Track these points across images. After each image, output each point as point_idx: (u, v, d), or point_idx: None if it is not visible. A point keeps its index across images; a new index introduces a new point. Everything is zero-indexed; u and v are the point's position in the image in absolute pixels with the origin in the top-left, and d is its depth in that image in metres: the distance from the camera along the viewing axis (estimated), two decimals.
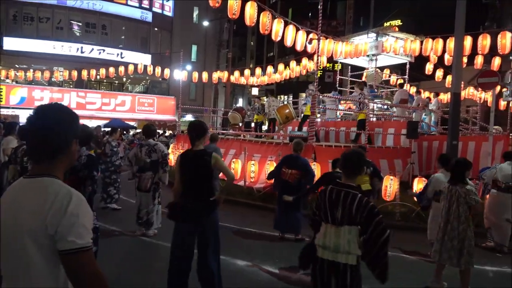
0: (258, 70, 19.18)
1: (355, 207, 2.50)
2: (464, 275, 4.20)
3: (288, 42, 10.66)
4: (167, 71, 19.22)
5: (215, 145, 7.70)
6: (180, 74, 16.51)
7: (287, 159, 6.27)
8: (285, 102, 14.74)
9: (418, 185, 7.68)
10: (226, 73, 19.42)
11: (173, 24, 29.46)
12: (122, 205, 7.75)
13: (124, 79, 28.37)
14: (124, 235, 6.09)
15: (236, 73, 19.57)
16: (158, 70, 18.88)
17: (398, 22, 27.83)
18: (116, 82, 28.86)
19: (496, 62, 13.07)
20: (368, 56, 13.89)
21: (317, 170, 7.72)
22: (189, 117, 30.58)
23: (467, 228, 4.14)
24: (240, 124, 13.79)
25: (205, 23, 28.98)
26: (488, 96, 14.02)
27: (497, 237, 5.97)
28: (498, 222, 5.91)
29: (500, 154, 10.34)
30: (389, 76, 16.34)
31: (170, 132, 24.15)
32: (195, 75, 18.56)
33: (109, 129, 10.35)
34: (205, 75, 18.80)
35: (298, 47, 11.03)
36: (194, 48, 31.26)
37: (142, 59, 24.06)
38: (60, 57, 24.23)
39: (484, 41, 10.79)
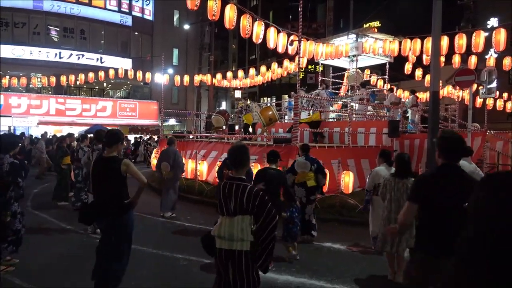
0: (241, 73, 19.20)
1: (246, 198, 2.64)
2: (401, 261, 4.43)
3: (271, 44, 10.70)
4: (148, 75, 19.02)
5: (173, 148, 7.75)
6: (161, 78, 16.35)
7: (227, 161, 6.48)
8: (268, 104, 14.79)
9: None
10: (208, 76, 19.36)
11: (154, 28, 29.20)
12: None
13: (105, 84, 27.95)
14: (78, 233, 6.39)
15: (219, 76, 19.53)
16: (139, 74, 18.66)
17: (377, 23, 28.33)
18: (97, 87, 28.39)
19: (473, 60, 13.43)
20: (348, 57, 14.07)
21: None
22: (172, 121, 30.38)
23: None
24: (224, 127, 13.74)
25: (186, 27, 28.85)
26: (465, 94, 14.37)
27: None
28: None
29: (476, 150, 10.66)
30: (370, 77, 16.58)
31: (147, 137, 23.90)
32: (177, 78, 18.42)
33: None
34: (187, 79, 18.68)
35: (280, 49, 11.08)
36: (176, 51, 31.05)
37: (123, 64, 23.75)
38: (38, 62, 23.69)
39: (460, 41, 11.07)
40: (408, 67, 15.07)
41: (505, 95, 18.31)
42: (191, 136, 14.67)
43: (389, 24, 26.27)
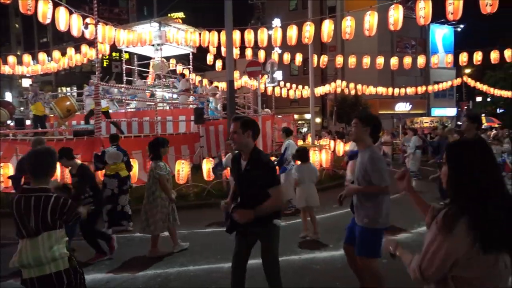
0: (28, 58, 16.40)
1: (51, 209, 2.29)
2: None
3: (62, 26, 9.56)
4: None
5: None
6: None
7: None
8: (66, 94, 13.22)
9: (207, 165, 8.38)
10: None
11: None
12: None
13: None
14: None
15: None
16: None
17: (181, 14, 29.02)
18: None
19: (261, 55, 15.45)
20: (153, 45, 13.98)
21: None
22: None
23: (159, 198, 4.98)
24: (9, 122, 11.59)
25: None
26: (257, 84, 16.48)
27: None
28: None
29: (270, 131, 12.47)
30: (175, 66, 16.97)
31: None
32: None
33: None
34: None
35: (75, 33, 10.01)
36: None
37: None
38: None
39: (249, 36, 12.49)
40: (210, 59, 16.08)
41: (288, 84, 21.97)
42: None
43: (192, 15, 27.35)
